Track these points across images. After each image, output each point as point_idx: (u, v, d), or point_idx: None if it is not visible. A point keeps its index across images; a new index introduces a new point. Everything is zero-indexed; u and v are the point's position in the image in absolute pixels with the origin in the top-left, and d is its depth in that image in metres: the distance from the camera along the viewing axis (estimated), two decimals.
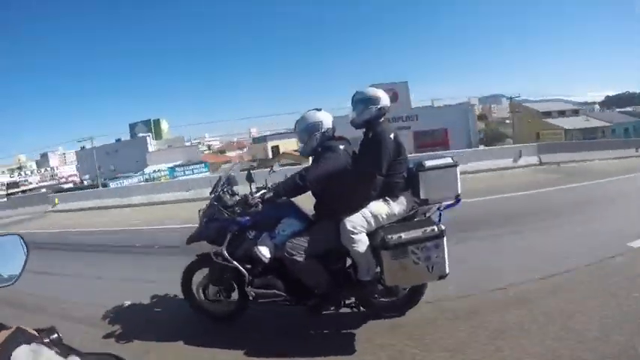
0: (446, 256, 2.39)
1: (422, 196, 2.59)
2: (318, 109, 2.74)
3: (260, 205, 2.51)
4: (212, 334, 2.83)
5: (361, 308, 2.79)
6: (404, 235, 2.35)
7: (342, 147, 2.59)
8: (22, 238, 1.09)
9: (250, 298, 2.70)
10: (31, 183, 50.99)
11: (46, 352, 0.57)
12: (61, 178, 54.62)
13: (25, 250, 1.07)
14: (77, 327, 3.11)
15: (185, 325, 3.00)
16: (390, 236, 2.36)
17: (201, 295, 2.92)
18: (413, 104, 30.31)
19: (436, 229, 2.36)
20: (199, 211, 2.88)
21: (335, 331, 2.73)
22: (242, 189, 2.91)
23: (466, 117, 29.05)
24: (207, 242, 2.79)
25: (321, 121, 2.67)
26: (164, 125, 54.09)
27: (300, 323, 2.83)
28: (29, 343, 0.59)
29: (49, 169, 61.49)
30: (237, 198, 2.77)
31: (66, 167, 62.28)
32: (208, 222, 2.77)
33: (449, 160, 2.62)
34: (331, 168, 2.51)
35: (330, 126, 2.69)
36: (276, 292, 2.64)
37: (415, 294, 2.81)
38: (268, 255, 2.57)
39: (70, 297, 3.91)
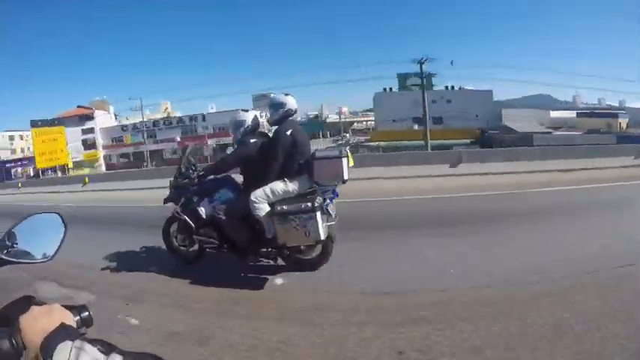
0: (319, 225, 3.18)
1: (315, 179, 3.38)
2: (245, 110, 3.66)
3: (196, 179, 3.58)
4: (179, 271, 4.02)
5: (280, 261, 3.72)
6: (285, 207, 3.21)
7: (253, 141, 3.50)
8: (61, 216, 1.13)
9: (196, 243, 3.82)
10: None
11: (88, 348, 0.59)
12: None
13: (64, 228, 1.11)
14: None
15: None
16: (277, 207, 3.24)
17: (174, 241, 4.13)
18: None
19: (310, 204, 3.16)
20: (169, 181, 4.04)
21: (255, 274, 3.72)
22: None
23: None
24: (173, 203, 3.95)
25: (244, 120, 3.60)
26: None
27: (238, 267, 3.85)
28: (73, 340, 0.60)
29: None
30: (192, 173, 3.84)
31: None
32: (173, 189, 3.93)
33: (336, 152, 3.35)
34: (239, 157, 3.48)
35: (251, 123, 3.59)
36: (213, 240, 3.71)
37: (324, 254, 3.62)
38: (205, 213, 3.64)
39: None
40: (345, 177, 3.36)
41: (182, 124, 44.98)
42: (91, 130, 46.70)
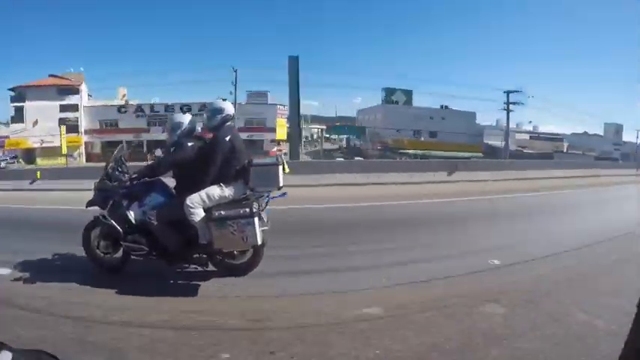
0: (257, 230, 3.28)
1: (250, 185, 3.48)
2: (184, 112, 3.63)
3: (128, 182, 3.43)
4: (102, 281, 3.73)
5: (210, 267, 3.69)
6: (223, 212, 3.26)
7: (190, 144, 3.49)
8: None
9: (123, 249, 3.63)
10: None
11: None
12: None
13: None
14: None
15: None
16: (215, 212, 3.27)
17: (96, 249, 3.84)
18: None
19: (248, 210, 3.26)
20: (94, 183, 3.79)
21: (186, 281, 3.66)
22: None
23: None
24: (98, 207, 3.71)
25: (182, 122, 3.58)
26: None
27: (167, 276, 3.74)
28: None
29: None
30: (123, 175, 3.65)
31: None
32: (98, 191, 3.69)
33: (273, 160, 3.51)
34: (176, 160, 3.45)
35: (187, 126, 3.58)
36: (142, 246, 3.56)
37: (255, 259, 3.69)
38: (135, 218, 3.50)
39: None
40: (281, 184, 3.51)
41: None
42: (73, 108, 35.04)
